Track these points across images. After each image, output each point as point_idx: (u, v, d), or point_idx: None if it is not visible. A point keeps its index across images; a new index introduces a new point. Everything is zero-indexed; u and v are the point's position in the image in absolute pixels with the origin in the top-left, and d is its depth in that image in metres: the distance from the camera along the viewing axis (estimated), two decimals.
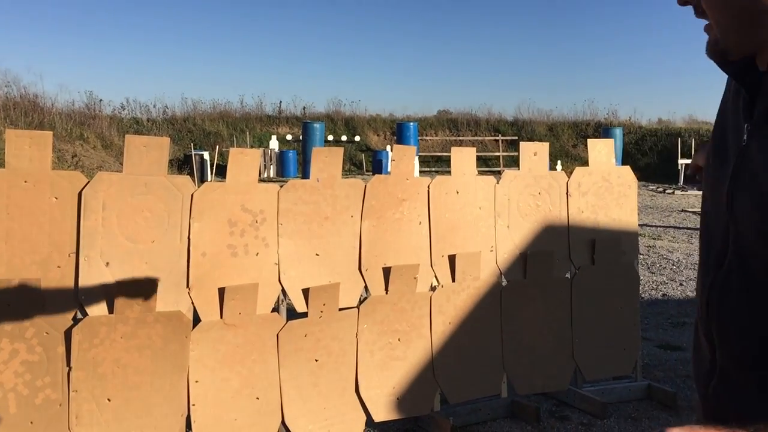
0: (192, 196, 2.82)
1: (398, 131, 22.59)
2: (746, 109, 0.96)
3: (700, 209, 1.13)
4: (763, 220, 0.88)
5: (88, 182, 2.64)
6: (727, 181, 0.96)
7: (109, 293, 2.63)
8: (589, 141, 3.96)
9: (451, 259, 3.44)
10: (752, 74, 0.94)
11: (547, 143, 3.90)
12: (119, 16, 54.10)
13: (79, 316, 2.64)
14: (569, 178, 3.80)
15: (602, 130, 23.70)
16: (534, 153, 3.72)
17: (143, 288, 2.66)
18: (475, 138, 25.38)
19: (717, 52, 0.95)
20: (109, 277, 2.65)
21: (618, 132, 22.59)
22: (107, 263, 2.66)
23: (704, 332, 1.02)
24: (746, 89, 0.96)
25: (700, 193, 1.10)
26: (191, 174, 16.62)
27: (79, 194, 2.61)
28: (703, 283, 1.02)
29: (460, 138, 25.37)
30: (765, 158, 0.89)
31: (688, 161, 16.81)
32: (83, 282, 2.61)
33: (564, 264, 3.80)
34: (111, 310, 2.63)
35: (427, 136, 25.33)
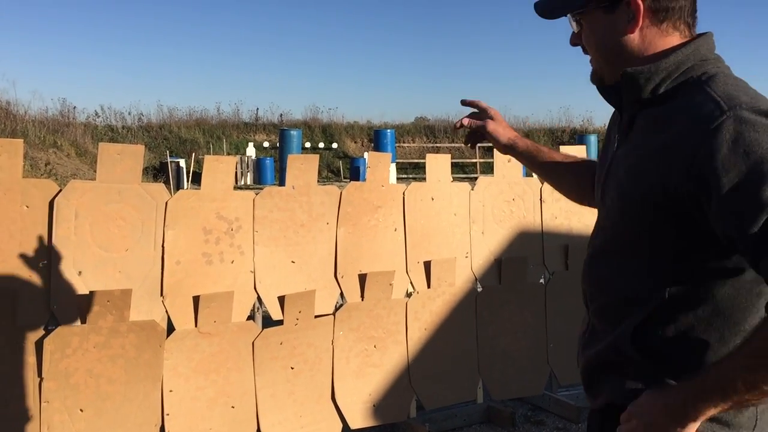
0: (166, 204, 2.80)
1: (375, 138, 22.61)
2: (617, 123, 1.29)
3: None
4: (621, 203, 1.18)
5: (60, 190, 2.62)
6: (601, 181, 1.29)
7: (81, 303, 2.61)
8: (562, 147, 4.02)
9: (427, 266, 3.46)
10: (620, 96, 1.24)
11: None
12: (94, 22, 53.62)
13: (51, 326, 2.61)
14: (543, 184, 3.84)
15: (577, 137, 23.93)
16: (508, 160, 3.76)
17: (116, 297, 2.64)
18: (453, 145, 25.51)
19: (596, 79, 1.29)
20: (82, 286, 2.62)
21: (593, 139, 22.82)
22: (80, 272, 2.63)
23: (583, 296, 1.32)
24: (617, 108, 1.29)
25: None
26: (167, 182, 16.47)
27: (51, 203, 2.59)
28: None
29: (438, 145, 25.50)
30: (624, 157, 1.21)
31: None
32: (55, 291, 2.58)
33: (538, 269, 3.84)
34: (84, 320, 2.61)
35: (404, 142, 25.42)
